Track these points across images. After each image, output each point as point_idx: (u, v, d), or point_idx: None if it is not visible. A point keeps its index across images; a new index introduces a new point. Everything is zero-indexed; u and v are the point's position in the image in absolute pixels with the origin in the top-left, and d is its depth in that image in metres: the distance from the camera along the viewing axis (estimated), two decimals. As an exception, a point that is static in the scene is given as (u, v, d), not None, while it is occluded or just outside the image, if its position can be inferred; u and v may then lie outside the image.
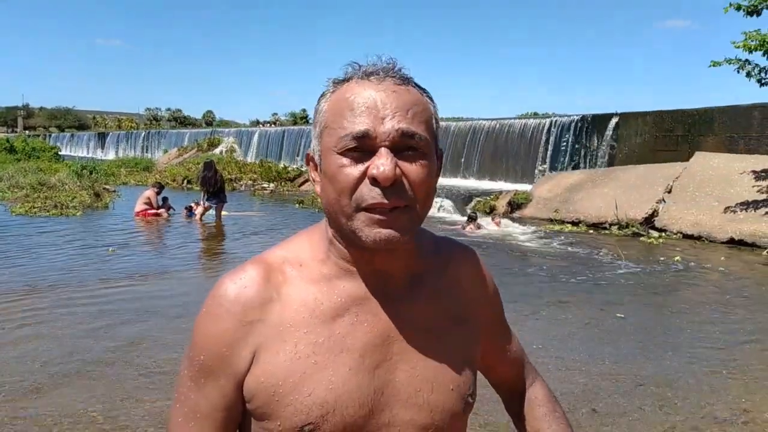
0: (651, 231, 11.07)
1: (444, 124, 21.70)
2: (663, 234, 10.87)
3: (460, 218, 13.07)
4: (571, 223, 12.20)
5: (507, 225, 11.90)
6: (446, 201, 14.85)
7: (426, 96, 0.84)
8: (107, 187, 17.61)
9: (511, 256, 8.83)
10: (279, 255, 0.88)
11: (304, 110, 64.54)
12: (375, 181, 0.76)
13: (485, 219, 12.24)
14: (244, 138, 33.90)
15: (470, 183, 18.98)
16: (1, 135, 41.30)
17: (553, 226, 11.97)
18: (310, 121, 0.87)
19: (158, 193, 13.08)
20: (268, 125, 45.56)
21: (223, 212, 12.29)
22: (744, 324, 5.46)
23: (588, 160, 16.45)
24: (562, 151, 17.16)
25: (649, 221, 11.36)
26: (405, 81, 0.82)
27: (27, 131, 71.30)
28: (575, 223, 12.17)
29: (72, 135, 63.23)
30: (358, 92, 0.80)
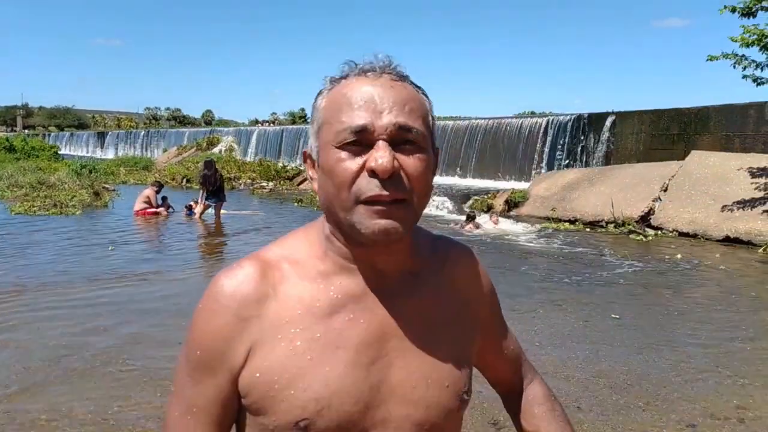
0: (647, 229, 11.13)
1: (441, 123, 21.71)
2: (659, 232, 10.93)
3: (458, 217, 13.10)
4: (568, 222, 12.25)
5: (504, 223, 11.95)
6: (445, 199, 14.92)
7: (421, 93, 0.85)
8: (107, 186, 17.65)
9: (510, 255, 8.86)
10: (276, 252, 0.89)
11: (303, 109, 64.43)
12: (374, 173, 0.76)
13: (483, 217, 12.31)
14: (243, 137, 33.91)
15: (467, 182, 19.02)
16: (1, 134, 41.22)
17: (550, 225, 12.01)
18: (309, 120, 0.89)
19: (157, 192, 13.13)
20: (267, 124, 45.56)
21: (222, 211, 12.34)
22: (741, 322, 5.47)
23: (584, 159, 16.51)
24: (558, 149, 17.20)
25: (645, 219, 11.43)
26: (401, 77, 0.83)
27: (26, 130, 71.21)
28: (572, 222, 12.23)
29: (71, 134, 63.17)
30: (355, 88, 0.81)
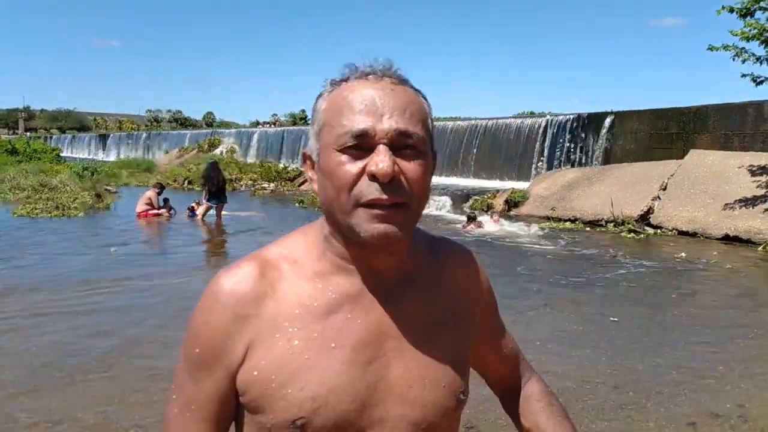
0: (646, 228, 11.16)
1: (441, 123, 21.76)
2: (658, 231, 10.96)
3: (459, 217, 13.13)
4: (568, 221, 12.28)
5: (504, 223, 11.98)
6: (446, 199, 14.95)
7: (421, 96, 0.86)
8: (108, 188, 17.72)
9: (510, 255, 8.87)
10: (275, 252, 0.90)
11: (304, 111, 64.53)
12: (374, 177, 0.77)
13: (484, 217, 12.34)
14: (243, 138, 33.94)
15: (467, 182, 19.03)
16: (3, 137, 41.33)
17: (550, 224, 12.03)
18: (309, 122, 0.90)
19: (159, 194, 13.15)
20: (268, 126, 45.69)
21: (224, 212, 12.39)
22: (742, 320, 5.47)
23: (584, 158, 16.54)
24: (558, 149, 17.22)
25: (644, 218, 11.45)
26: (402, 81, 0.84)
27: (28, 133, 71.25)
28: (572, 221, 12.26)
29: (73, 136, 63.14)
30: (356, 91, 0.81)
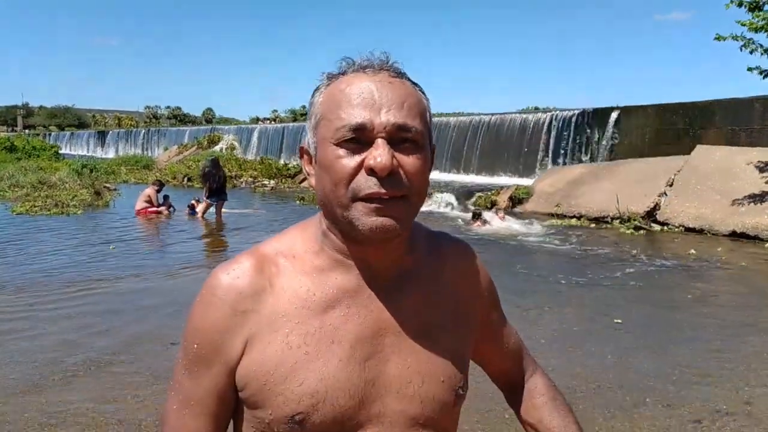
0: (653, 225, 11.06)
1: (444, 119, 21.67)
2: (665, 227, 10.87)
3: (462, 214, 13.08)
4: (573, 218, 12.18)
5: (509, 220, 11.89)
6: (449, 196, 14.81)
7: (419, 90, 0.85)
8: (108, 185, 17.60)
9: (514, 252, 8.83)
10: (273, 247, 0.89)
11: (304, 107, 64.19)
12: (372, 171, 0.76)
13: (488, 213, 12.22)
14: (244, 135, 33.84)
15: (471, 178, 18.94)
16: (2, 134, 41.26)
17: (555, 221, 11.96)
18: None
19: (159, 191, 13.09)
20: (268, 122, 45.57)
21: (224, 210, 12.31)
22: (750, 317, 5.46)
23: (589, 154, 16.41)
24: (563, 145, 17.10)
25: (651, 215, 11.34)
26: (399, 74, 0.83)
27: (27, 130, 71.28)
28: (577, 218, 12.15)
29: (72, 133, 63.18)
30: (354, 84, 0.80)
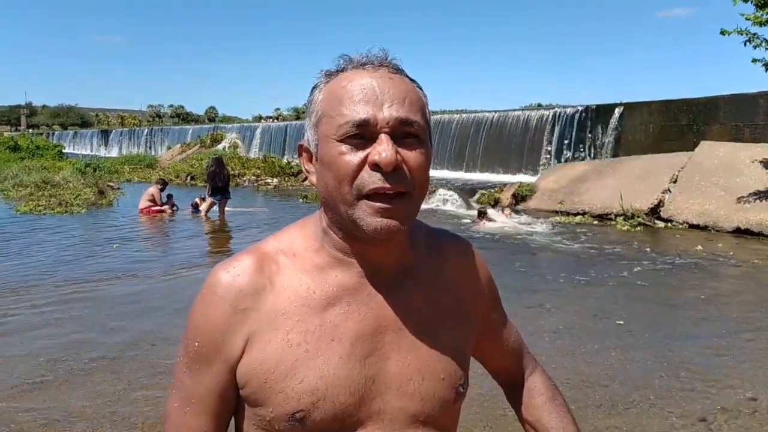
0: (657, 221, 11.02)
1: (447, 116, 21.65)
2: (669, 224, 10.83)
3: (466, 212, 13.07)
4: (577, 215, 12.15)
5: (513, 217, 11.87)
6: (452, 194, 14.78)
7: (417, 86, 0.85)
8: (111, 184, 17.63)
9: (518, 250, 8.81)
10: (273, 245, 0.89)
11: (306, 105, 64.33)
12: (376, 166, 0.76)
13: (493, 210, 12.20)
14: (246, 133, 33.89)
15: (474, 176, 18.92)
16: (6, 134, 41.35)
17: (558, 218, 11.92)
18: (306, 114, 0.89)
19: (162, 190, 13.09)
20: (271, 120, 45.55)
21: (227, 208, 12.31)
22: (755, 313, 5.44)
23: (593, 151, 16.37)
24: (566, 142, 17.07)
25: (654, 211, 11.30)
26: (398, 70, 0.83)
27: (30, 129, 71.42)
28: (581, 215, 12.12)
29: (75, 133, 63.32)
30: (355, 80, 0.80)
